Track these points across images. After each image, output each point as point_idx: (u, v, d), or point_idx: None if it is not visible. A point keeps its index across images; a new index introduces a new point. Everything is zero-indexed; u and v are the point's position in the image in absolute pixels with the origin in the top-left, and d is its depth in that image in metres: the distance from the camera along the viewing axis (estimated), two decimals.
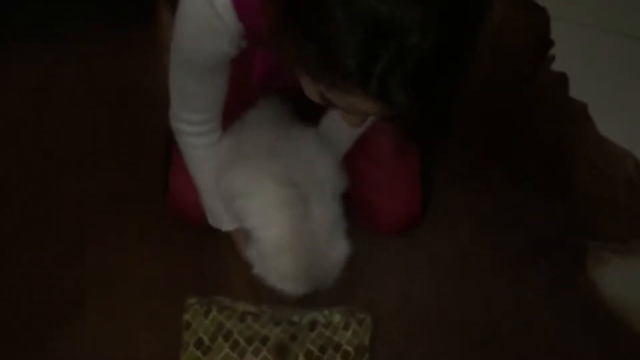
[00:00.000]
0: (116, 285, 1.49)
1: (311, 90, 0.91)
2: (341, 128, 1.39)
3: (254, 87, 1.34)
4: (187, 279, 1.51)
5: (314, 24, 0.74)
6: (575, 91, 1.76)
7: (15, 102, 1.81)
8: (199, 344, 1.34)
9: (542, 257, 1.59)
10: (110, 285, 1.49)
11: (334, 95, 0.83)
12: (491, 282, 1.55)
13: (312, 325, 1.39)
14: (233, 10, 0.97)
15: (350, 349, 1.35)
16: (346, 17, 0.70)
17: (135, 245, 1.56)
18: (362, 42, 0.71)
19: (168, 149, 1.46)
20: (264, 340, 1.34)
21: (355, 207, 1.55)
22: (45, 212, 1.61)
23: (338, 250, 1.32)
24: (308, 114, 1.38)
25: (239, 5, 0.96)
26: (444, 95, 0.81)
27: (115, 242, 1.56)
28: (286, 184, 1.26)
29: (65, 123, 1.77)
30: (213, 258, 1.52)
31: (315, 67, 0.79)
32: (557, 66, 1.78)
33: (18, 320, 1.45)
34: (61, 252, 1.55)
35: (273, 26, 0.81)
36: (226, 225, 1.42)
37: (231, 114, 1.36)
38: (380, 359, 1.42)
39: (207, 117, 1.27)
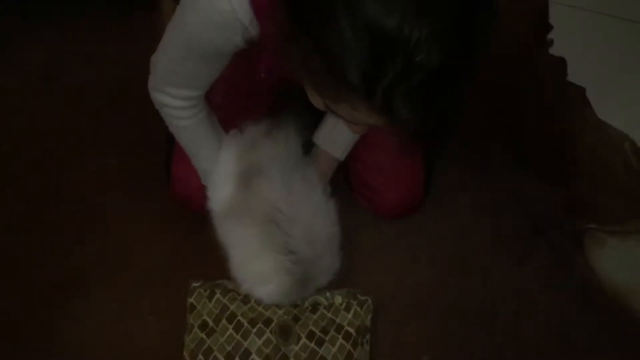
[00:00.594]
0: (119, 268, 1.50)
1: (317, 100, 0.90)
2: (344, 130, 1.40)
3: (259, 79, 1.33)
4: (190, 262, 1.52)
5: (320, 34, 0.73)
6: (574, 75, 1.76)
7: (17, 83, 1.82)
8: (203, 326, 1.35)
9: (540, 239, 1.60)
10: (113, 268, 1.50)
11: (338, 107, 0.83)
12: (490, 264, 1.56)
13: (314, 307, 1.40)
14: (250, 7, 0.95)
15: (351, 330, 1.36)
16: (353, 30, 0.69)
17: (138, 228, 1.57)
18: (368, 57, 0.70)
19: (169, 134, 1.46)
20: (267, 322, 1.35)
21: (356, 190, 1.56)
22: (48, 195, 1.62)
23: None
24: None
25: (256, 3, 0.94)
26: (448, 108, 0.80)
27: (118, 225, 1.57)
28: (284, 253, 1.28)
29: (67, 105, 1.77)
30: (216, 241, 1.52)
31: (320, 79, 0.78)
32: (555, 50, 1.78)
33: (22, 302, 1.46)
34: (64, 235, 1.55)
35: (280, 33, 0.80)
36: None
37: (235, 108, 1.37)
38: (381, 340, 1.44)
39: (195, 95, 1.24)
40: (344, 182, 1.58)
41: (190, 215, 1.52)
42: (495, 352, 1.44)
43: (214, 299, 1.38)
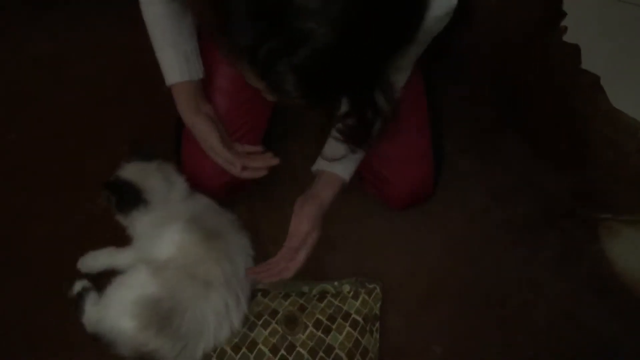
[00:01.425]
0: None
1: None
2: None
3: None
4: None
5: None
6: (588, 63, 1.73)
7: (26, 72, 1.81)
8: None
9: (553, 227, 1.57)
10: None
11: (237, 66, 0.80)
12: (502, 251, 1.54)
13: (322, 295, 1.38)
14: None
15: (359, 317, 1.34)
16: None
17: None
18: (254, 16, 0.68)
19: (179, 119, 1.44)
20: (273, 313, 1.33)
21: (366, 180, 1.53)
22: (57, 184, 1.60)
23: None
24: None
25: None
26: (353, 93, 0.78)
27: None
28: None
29: (76, 93, 1.75)
30: None
31: (216, 34, 0.76)
32: (569, 37, 1.75)
33: (33, 292, 1.44)
34: (74, 224, 1.54)
35: None
36: (172, 78, 1.32)
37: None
38: (391, 328, 1.42)
39: None
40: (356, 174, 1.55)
41: None
42: (507, 340, 1.43)
43: None
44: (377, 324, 1.38)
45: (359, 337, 1.32)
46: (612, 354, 1.42)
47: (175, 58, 1.30)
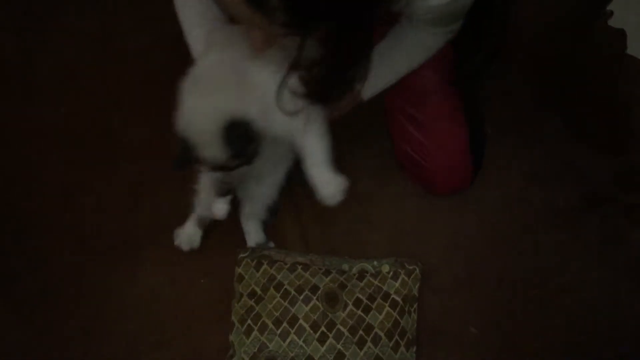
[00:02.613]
0: (172, 232, 1.49)
1: None
2: (381, 71, 1.29)
3: None
4: (240, 227, 1.51)
5: None
6: (634, 48, 1.69)
7: (73, 49, 1.81)
8: (252, 294, 1.35)
9: (594, 212, 1.54)
10: (166, 231, 1.49)
11: None
12: (541, 236, 1.52)
13: (361, 274, 1.38)
14: None
15: (398, 298, 1.34)
16: None
17: (190, 193, 1.54)
18: None
19: None
20: (314, 289, 1.34)
21: (407, 170, 1.52)
22: (104, 158, 1.62)
23: None
24: None
25: None
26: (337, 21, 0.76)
27: (171, 190, 1.55)
28: None
29: (122, 70, 1.76)
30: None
31: None
32: (615, 22, 1.71)
33: (80, 262, 1.48)
34: (118, 199, 1.56)
35: None
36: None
37: None
38: (428, 309, 1.41)
39: None
40: (394, 160, 1.55)
41: None
42: (544, 324, 1.41)
43: (262, 270, 1.38)
44: (415, 305, 1.38)
45: (398, 318, 1.32)
46: None
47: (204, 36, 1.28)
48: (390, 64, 1.32)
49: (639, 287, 1.45)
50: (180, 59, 1.72)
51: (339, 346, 1.28)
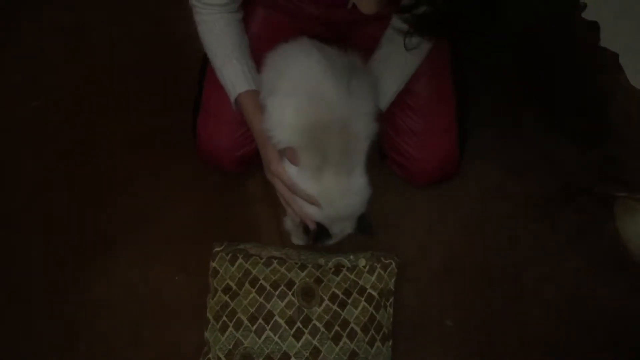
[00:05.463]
0: (148, 227, 1.46)
1: None
2: (390, 73, 1.31)
3: (283, 15, 1.32)
4: (217, 221, 1.47)
5: None
6: (607, 40, 1.67)
7: (47, 40, 1.75)
8: (227, 289, 1.31)
9: (570, 204, 1.52)
10: (141, 227, 1.46)
11: None
12: (517, 227, 1.50)
13: (337, 268, 1.35)
14: None
15: (374, 293, 1.31)
16: None
17: (166, 189, 1.52)
18: None
19: (199, 90, 1.41)
20: (290, 284, 1.30)
21: (390, 158, 1.48)
22: (78, 152, 1.57)
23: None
24: None
25: None
26: None
27: (147, 184, 1.52)
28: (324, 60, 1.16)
29: (95, 63, 1.71)
30: (243, 202, 1.47)
31: None
32: (588, 14, 1.69)
33: (54, 258, 1.43)
34: (94, 193, 1.51)
35: None
36: (241, 86, 1.27)
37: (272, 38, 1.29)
38: (404, 303, 1.38)
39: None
40: (377, 150, 1.49)
41: (218, 174, 1.48)
42: (520, 315, 1.40)
43: (237, 264, 1.34)
44: (392, 299, 1.35)
45: (374, 312, 1.29)
46: (626, 331, 1.38)
47: (241, 68, 1.26)
48: (396, 67, 1.31)
49: (615, 276, 1.44)
50: (152, 54, 1.69)
51: (314, 342, 1.25)
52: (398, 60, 1.30)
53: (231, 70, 1.27)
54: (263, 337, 1.25)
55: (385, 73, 1.31)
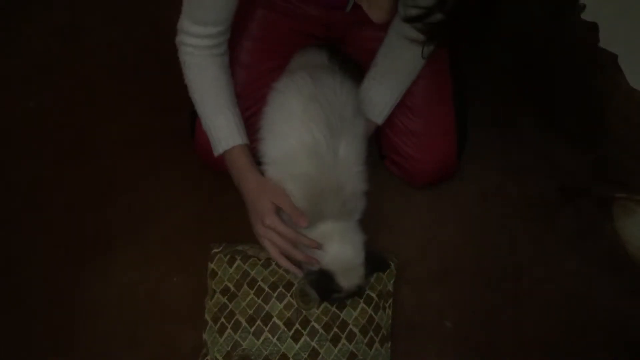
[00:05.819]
0: (144, 228, 1.45)
1: None
2: (387, 86, 1.32)
3: (281, 16, 1.31)
4: (214, 222, 1.46)
5: None
6: (606, 42, 1.67)
7: (42, 42, 1.74)
8: (225, 291, 1.30)
9: (568, 205, 1.52)
10: (138, 228, 1.45)
11: None
12: (516, 228, 1.49)
13: None
14: None
15: (373, 294, 1.30)
16: None
17: (164, 189, 1.51)
18: None
19: None
20: (289, 285, 1.29)
21: (388, 158, 1.47)
22: (73, 153, 1.56)
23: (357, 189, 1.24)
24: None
25: None
26: None
27: (143, 186, 1.51)
28: (318, 132, 1.18)
29: (90, 64, 1.70)
30: (241, 203, 1.45)
31: None
32: (587, 15, 1.68)
33: (50, 259, 1.42)
34: (90, 194, 1.51)
35: None
36: (233, 140, 1.25)
37: (261, 65, 1.30)
38: (403, 304, 1.38)
39: (211, 33, 1.19)
40: (376, 150, 1.50)
41: (216, 175, 1.46)
42: (519, 316, 1.39)
43: (235, 265, 1.33)
44: (390, 301, 1.34)
45: (373, 314, 1.28)
46: (624, 331, 1.38)
47: (233, 120, 1.24)
48: (392, 82, 1.32)
49: (613, 277, 1.43)
50: (150, 54, 1.68)
51: (313, 343, 1.24)
52: (394, 76, 1.31)
53: (223, 122, 1.24)
54: (261, 338, 1.24)
55: (381, 89, 1.32)
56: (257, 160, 1.26)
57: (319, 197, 1.19)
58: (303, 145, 1.18)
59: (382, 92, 1.33)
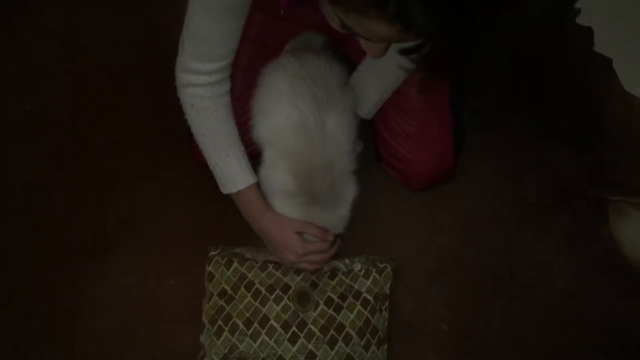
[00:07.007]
0: (143, 230, 1.44)
1: (331, 16, 0.84)
2: (372, 81, 1.30)
3: (280, 20, 1.29)
4: (212, 225, 1.45)
5: None
6: (601, 45, 1.66)
7: (39, 43, 1.72)
8: (222, 293, 1.30)
9: (564, 208, 1.51)
10: (137, 230, 1.44)
11: (351, 19, 0.76)
12: (512, 231, 1.48)
13: (333, 272, 1.33)
14: None
15: (369, 297, 1.29)
16: None
17: (162, 191, 1.50)
18: None
19: None
20: (285, 288, 1.29)
21: (385, 161, 1.46)
22: (71, 155, 1.54)
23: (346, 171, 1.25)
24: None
25: None
26: (470, 23, 0.71)
27: (141, 188, 1.50)
28: (305, 106, 1.17)
29: (88, 66, 1.68)
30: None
31: None
32: (582, 19, 1.68)
33: (48, 261, 1.41)
34: (88, 196, 1.49)
35: None
36: (246, 180, 1.24)
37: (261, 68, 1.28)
38: (400, 307, 1.37)
39: (218, 67, 1.15)
40: (373, 153, 1.49)
41: (213, 178, 1.44)
42: (515, 319, 1.38)
43: (232, 268, 1.32)
44: (387, 303, 1.33)
45: (370, 316, 1.27)
46: (620, 333, 1.37)
47: (244, 160, 1.22)
48: (379, 76, 1.30)
49: (609, 280, 1.42)
50: (149, 56, 1.67)
51: (310, 346, 1.23)
52: (381, 70, 1.29)
53: (235, 163, 1.22)
54: (258, 341, 1.23)
55: (367, 82, 1.31)
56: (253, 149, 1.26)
57: (309, 176, 1.18)
58: (291, 121, 1.18)
59: (368, 88, 1.32)
